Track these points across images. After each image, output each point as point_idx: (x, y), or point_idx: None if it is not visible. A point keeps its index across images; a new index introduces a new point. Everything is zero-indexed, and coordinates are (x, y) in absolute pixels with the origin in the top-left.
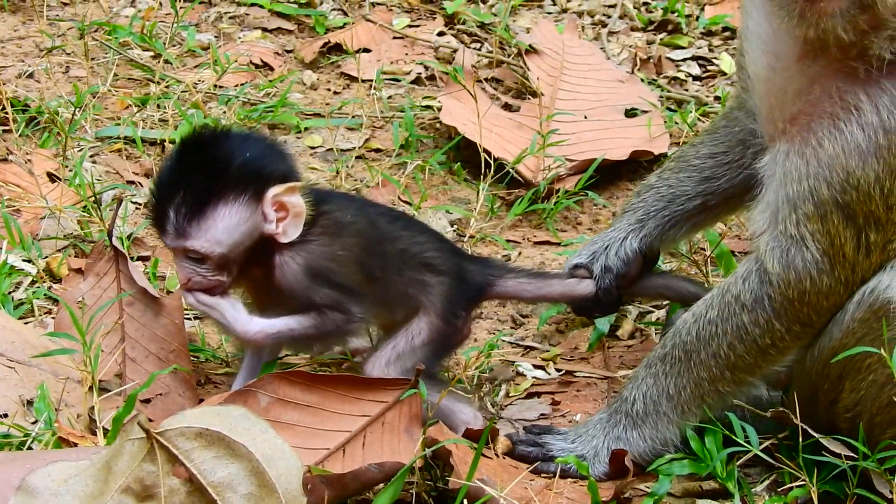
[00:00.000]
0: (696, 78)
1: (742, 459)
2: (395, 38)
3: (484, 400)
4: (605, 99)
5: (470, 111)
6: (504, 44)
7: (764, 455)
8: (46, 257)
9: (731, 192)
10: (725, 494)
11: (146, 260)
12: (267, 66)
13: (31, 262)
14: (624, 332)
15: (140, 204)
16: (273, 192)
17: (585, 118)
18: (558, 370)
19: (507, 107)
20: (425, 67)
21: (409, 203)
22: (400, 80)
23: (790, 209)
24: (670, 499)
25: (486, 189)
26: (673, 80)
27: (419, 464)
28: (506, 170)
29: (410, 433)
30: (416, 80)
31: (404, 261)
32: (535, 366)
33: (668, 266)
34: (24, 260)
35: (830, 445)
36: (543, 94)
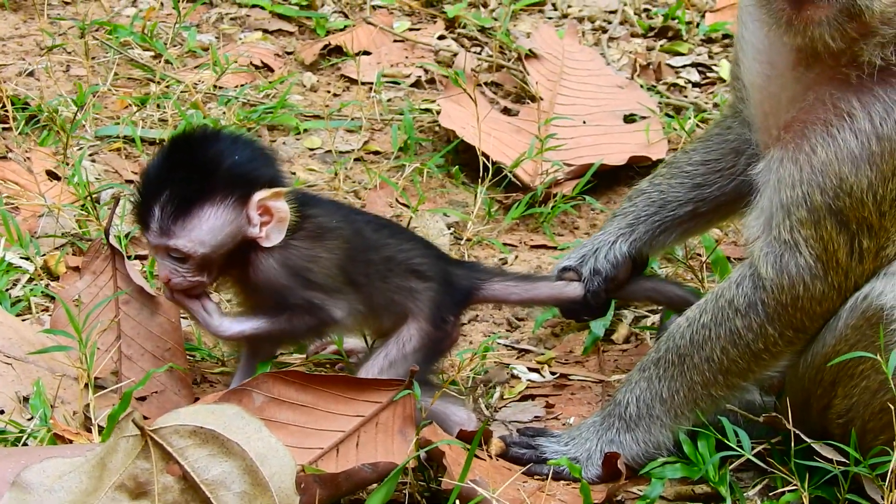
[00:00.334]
0: (696, 85)
1: (734, 464)
2: (395, 41)
3: (478, 402)
4: (603, 104)
5: (469, 115)
6: (504, 48)
7: (756, 459)
8: (44, 255)
9: (722, 199)
10: (718, 498)
11: (143, 259)
12: (267, 67)
13: (28, 259)
14: (619, 336)
15: None
16: (259, 197)
17: (584, 123)
18: (553, 373)
19: (507, 111)
20: (425, 71)
21: (406, 205)
22: (400, 84)
23: (784, 215)
24: (662, 502)
25: (483, 192)
26: (672, 86)
27: (412, 464)
28: (504, 173)
29: (404, 434)
30: (416, 84)
31: (390, 268)
32: (529, 368)
33: (664, 271)
34: (21, 257)
35: (822, 451)
36: (542, 99)
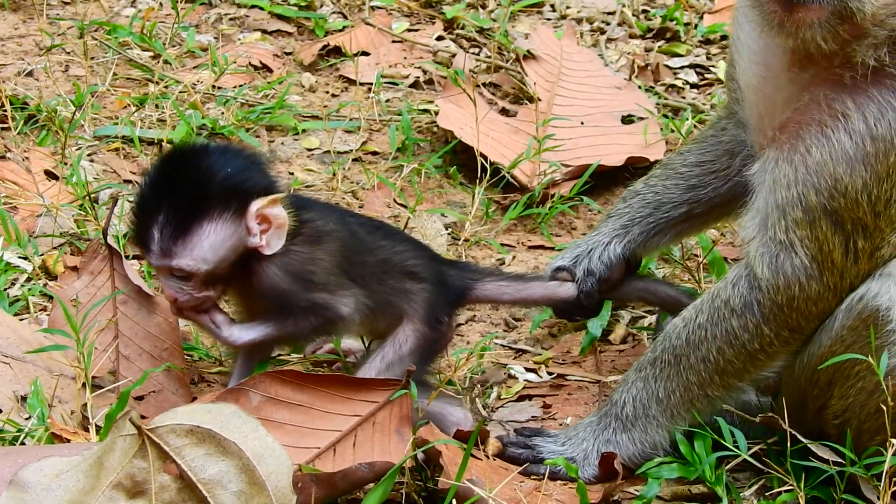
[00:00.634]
0: (694, 86)
1: (731, 464)
2: (394, 41)
3: (475, 402)
4: (601, 105)
5: (467, 115)
6: (502, 49)
7: (752, 460)
8: (42, 255)
9: (716, 200)
10: (714, 498)
11: (141, 258)
12: (266, 67)
13: (26, 259)
14: (616, 336)
15: None
16: (256, 206)
17: (582, 124)
18: (550, 373)
19: (505, 112)
20: (423, 71)
21: (404, 206)
22: (398, 84)
23: (779, 215)
24: (659, 502)
25: (481, 193)
26: (670, 87)
27: (409, 464)
28: (502, 174)
29: (401, 433)
30: (415, 84)
31: (385, 270)
32: (526, 369)
33: (661, 272)
34: (20, 257)
35: (819, 451)
36: (540, 100)
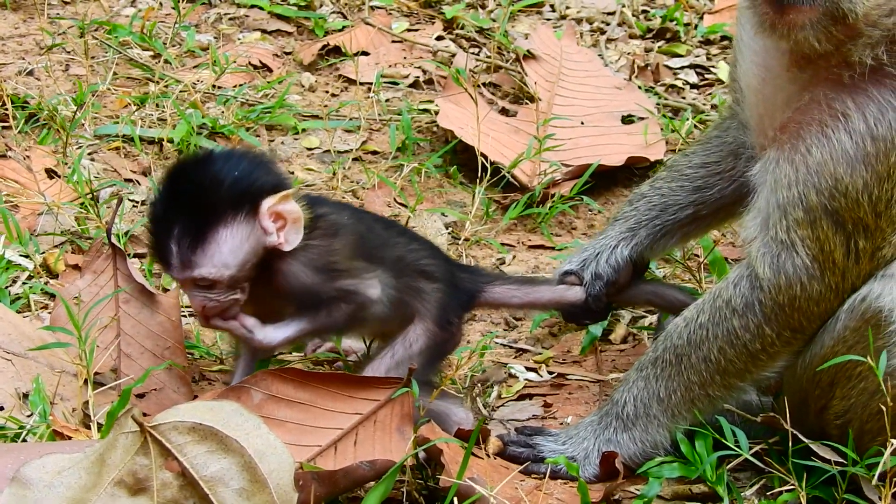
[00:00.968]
0: (694, 86)
1: (732, 463)
2: (393, 41)
3: (476, 401)
4: (601, 105)
5: (467, 115)
6: (502, 49)
7: (754, 459)
8: (43, 253)
9: (722, 201)
10: (715, 498)
11: (142, 257)
12: (265, 67)
13: (28, 257)
14: (616, 336)
15: (137, 202)
16: (268, 205)
17: (582, 124)
18: (550, 373)
19: (505, 111)
20: (423, 71)
21: (404, 205)
22: (398, 84)
23: (780, 215)
24: (660, 501)
25: (481, 192)
26: (670, 87)
27: (410, 462)
28: (502, 174)
29: (402, 432)
30: (414, 84)
31: (401, 267)
32: (527, 368)
33: (662, 272)
34: (21, 255)
35: (820, 451)
36: (541, 100)
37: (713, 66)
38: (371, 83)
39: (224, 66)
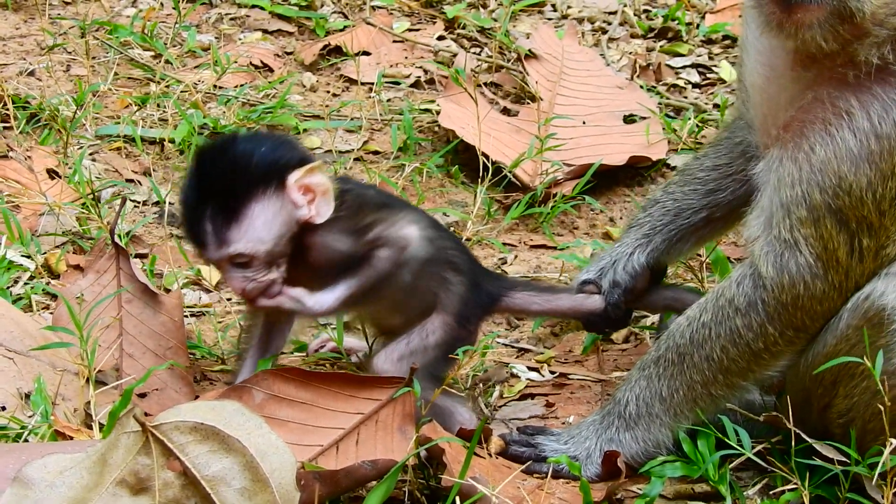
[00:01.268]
0: (696, 85)
1: (734, 462)
2: (395, 41)
3: (478, 400)
4: (603, 105)
5: (469, 115)
6: (504, 49)
7: (756, 458)
8: (45, 253)
9: (735, 203)
10: (717, 497)
11: (144, 258)
12: (267, 67)
13: (29, 257)
14: (618, 335)
15: (139, 202)
16: (294, 178)
17: (584, 123)
18: (552, 372)
19: (506, 111)
20: (425, 71)
21: None
22: (399, 84)
23: (784, 214)
24: (662, 501)
25: (483, 192)
26: (672, 87)
27: (412, 462)
28: (503, 173)
29: (404, 431)
30: (416, 84)
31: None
32: (529, 367)
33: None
34: (22, 255)
35: (823, 450)
36: (542, 99)
37: (715, 66)
38: (372, 83)
39: (225, 67)
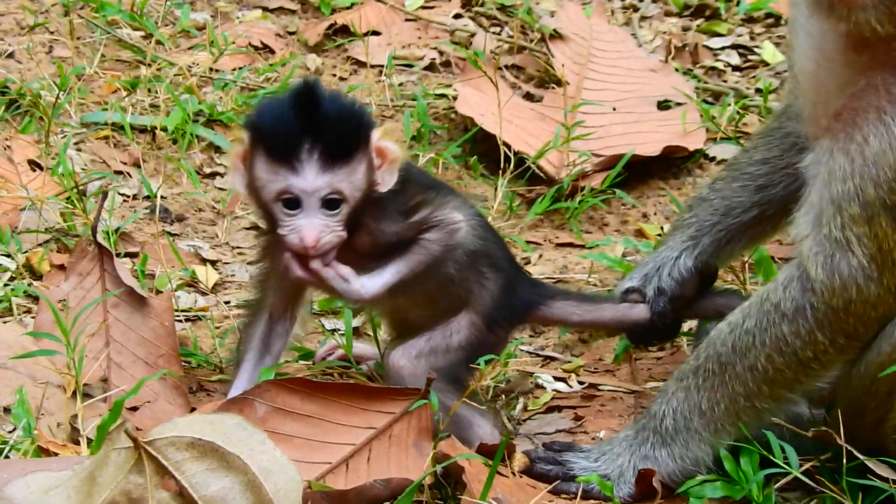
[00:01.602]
0: (736, 68)
1: (780, 482)
2: (407, 20)
3: (500, 414)
4: (635, 90)
5: (488, 100)
6: (526, 28)
7: (804, 478)
8: (26, 252)
9: (788, 199)
10: None
11: (134, 256)
12: (267, 48)
13: (9, 256)
14: None
15: (128, 196)
16: (376, 136)
17: (614, 110)
18: (581, 383)
19: (529, 96)
20: (440, 52)
21: None
22: (412, 66)
23: (835, 210)
24: None
25: (504, 185)
26: (710, 70)
27: (429, 481)
28: (526, 165)
29: (419, 447)
30: (430, 67)
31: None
32: (555, 378)
33: None
34: (2, 254)
35: (876, 468)
36: (569, 84)
37: (757, 47)
38: (383, 66)
39: (222, 48)
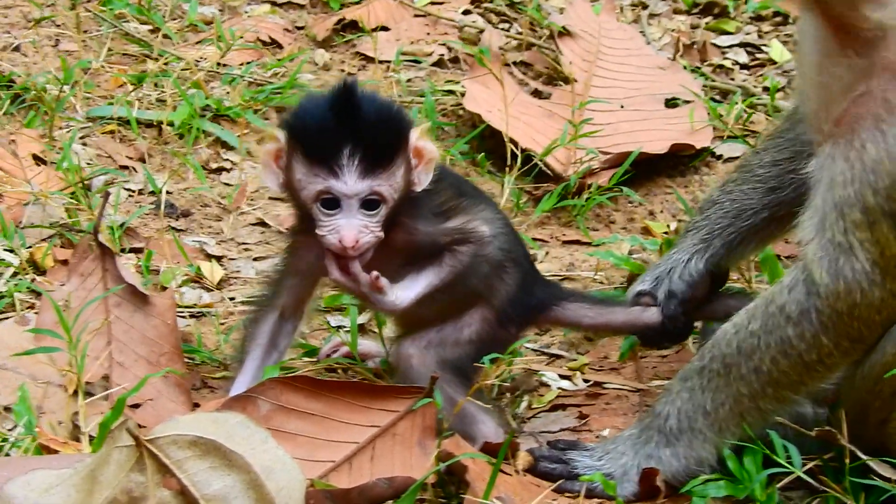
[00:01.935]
0: (744, 66)
1: (783, 481)
2: (415, 15)
3: (504, 412)
4: (643, 87)
5: (496, 97)
6: (535, 25)
7: (807, 477)
8: (30, 247)
9: (799, 201)
10: None
11: (139, 252)
12: (275, 43)
13: (13, 251)
14: None
15: (134, 191)
16: (415, 136)
17: (622, 108)
18: (586, 381)
19: (537, 93)
20: (448, 49)
21: None
22: (420, 62)
23: (837, 215)
24: None
25: (511, 182)
26: (718, 68)
27: (432, 479)
28: (533, 162)
29: (423, 446)
30: (438, 63)
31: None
32: (560, 375)
33: None
34: (5, 249)
35: (880, 468)
36: (576, 81)
37: (765, 45)
38: (391, 61)
39: (230, 42)
